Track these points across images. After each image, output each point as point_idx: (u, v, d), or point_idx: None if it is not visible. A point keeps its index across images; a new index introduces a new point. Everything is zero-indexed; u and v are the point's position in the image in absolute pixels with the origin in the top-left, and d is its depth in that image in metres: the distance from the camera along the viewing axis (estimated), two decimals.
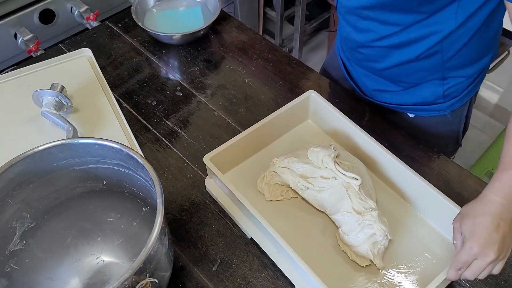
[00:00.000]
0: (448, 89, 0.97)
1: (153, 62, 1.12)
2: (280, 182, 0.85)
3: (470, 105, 1.05)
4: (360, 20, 0.89)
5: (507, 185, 0.68)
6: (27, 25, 1.28)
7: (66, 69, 1.08)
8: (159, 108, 1.02)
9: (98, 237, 0.79)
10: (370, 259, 0.77)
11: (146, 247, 0.57)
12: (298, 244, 0.76)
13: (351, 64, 1.06)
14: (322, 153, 0.81)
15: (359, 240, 0.76)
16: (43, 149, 0.67)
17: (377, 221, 0.76)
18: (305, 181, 0.82)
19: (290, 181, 0.83)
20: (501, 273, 0.78)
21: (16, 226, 0.70)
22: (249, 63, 1.11)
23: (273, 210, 0.85)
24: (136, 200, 0.75)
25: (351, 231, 0.77)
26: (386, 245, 0.77)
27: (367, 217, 0.76)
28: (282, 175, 0.84)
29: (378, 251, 0.76)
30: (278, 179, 0.85)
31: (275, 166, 0.85)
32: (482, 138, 2.15)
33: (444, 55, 0.88)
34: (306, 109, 0.96)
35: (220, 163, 0.82)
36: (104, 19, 1.28)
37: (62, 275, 0.76)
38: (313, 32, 2.50)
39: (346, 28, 0.96)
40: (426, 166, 0.91)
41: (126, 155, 0.67)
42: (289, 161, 0.84)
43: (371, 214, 0.76)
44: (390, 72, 0.96)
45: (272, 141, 0.94)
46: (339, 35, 1.08)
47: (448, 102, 0.99)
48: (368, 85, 1.04)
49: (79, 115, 0.99)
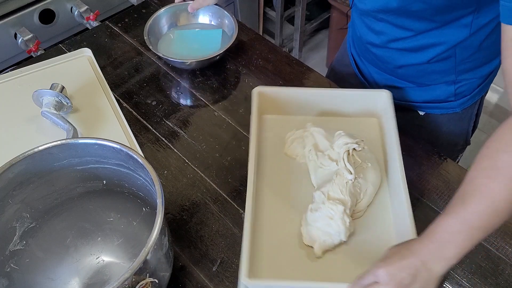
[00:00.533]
0: (459, 87, 0.97)
1: (153, 62, 1.12)
2: (302, 143, 0.89)
3: (481, 103, 1.05)
4: (375, 21, 0.89)
5: (439, 228, 0.62)
6: (27, 25, 1.28)
7: (66, 69, 1.07)
8: (159, 108, 1.02)
9: (98, 237, 0.79)
10: (313, 243, 0.77)
11: (146, 247, 0.57)
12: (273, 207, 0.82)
13: (362, 61, 1.07)
14: (342, 140, 0.83)
15: (315, 221, 0.77)
16: (43, 149, 0.67)
17: (339, 217, 0.76)
18: (315, 152, 0.85)
19: (306, 146, 0.88)
20: (501, 273, 0.78)
21: (16, 226, 0.70)
22: (249, 63, 1.11)
23: (277, 167, 0.89)
24: (136, 200, 0.75)
25: (315, 211, 0.78)
26: (335, 242, 0.77)
27: (333, 207, 0.76)
28: (305, 139, 0.89)
29: (324, 242, 0.77)
30: (301, 140, 0.89)
31: (306, 128, 0.90)
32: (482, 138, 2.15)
33: (456, 59, 0.89)
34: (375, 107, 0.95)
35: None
36: (104, 19, 1.28)
37: (62, 275, 0.76)
38: (313, 32, 2.50)
39: (360, 28, 0.96)
40: (426, 166, 0.91)
41: (126, 155, 0.67)
42: (317, 130, 0.88)
43: (337, 207, 0.76)
44: (402, 71, 0.97)
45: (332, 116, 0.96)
46: (351, 33, 1.09)
47: (459, 101, 0.99)
48: (379, 82, 1.05)
49: (79, 115, 0.99)
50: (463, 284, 0.77)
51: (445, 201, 0.86)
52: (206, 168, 0.92)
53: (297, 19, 2.20)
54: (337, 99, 0.94)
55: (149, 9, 1.24)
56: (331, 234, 0.77)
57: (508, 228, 0.83)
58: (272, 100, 0.94)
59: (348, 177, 0.79)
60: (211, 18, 1.17)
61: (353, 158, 0.82)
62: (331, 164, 0.83)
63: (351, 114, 0.95)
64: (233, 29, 1.09)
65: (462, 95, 0.98)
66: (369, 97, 0.94)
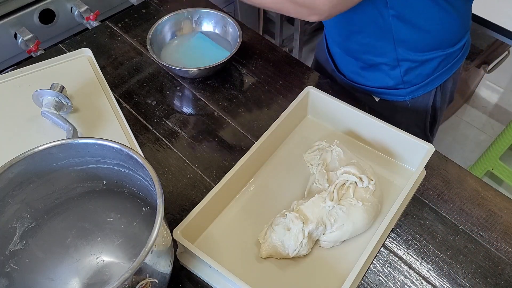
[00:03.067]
0: (406, 74, 1.01)
1: (153, 62, 1.12)
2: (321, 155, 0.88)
3: (437, 96, 1.08)
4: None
5: None
6: (27, 25, 1.28)
7: (66, 69, 1.08)
8: (159, 108, 1.02)
9: (98, 237, 0.79)
10: (264, 242, 0.78)
11: (146, 247, 0.57)
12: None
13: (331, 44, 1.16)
14: (349, 169, 0.80)
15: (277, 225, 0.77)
16: (43, 149, 0.67)
17: (295, 232, 0.75)
18: (321, 168, 0.84)
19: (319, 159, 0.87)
20: (501, 273, 0.78)
21: (16, 226, 0.70)
22: (249, 63, 1.11)
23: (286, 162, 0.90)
24: (136, 200, 0.75)
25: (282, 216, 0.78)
26: (283, 254, 0.76)
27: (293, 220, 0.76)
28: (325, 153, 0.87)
29: (273, 247, 0.77)
30: (322, 152, 0.88)
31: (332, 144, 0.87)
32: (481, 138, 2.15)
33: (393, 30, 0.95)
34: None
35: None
36: (104, 19, 1.28)
37: (62, 275, 0.76)
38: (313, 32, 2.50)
39: None
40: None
41: (126, 155, 0.67)
42: (338, 150, 0.85)
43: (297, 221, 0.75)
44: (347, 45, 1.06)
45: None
46: None
47: (409, 89, 1.04)
48: (343, 65, 1.14)
49: (79, 115, 0.99)
50: (463, 284, 0.77)
51: (445, 201, 0.86)
52: (206, 168, 0.92)
53: (297, 19, 2.20)
54: (381, 132, 0.89)
55: (149, 9, 1.24)
56: (283, 244, 0.76)
57: (508, 228, 0.83)
58: (320, 105, 0.94)
59: (327, 203, 0.77)
60: (215, 26, 1.16)
61: (348, 190, 0.79)
62: (324, 185, 0.81)
63: (391, 153, 0.91)
64: (236, 36, 1.08)
65: (411, 84, 1.02)
66: (410, 144, 0.87)
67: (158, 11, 1.24)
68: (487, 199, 0.87)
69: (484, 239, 0.82)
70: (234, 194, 0.86)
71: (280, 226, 0.77)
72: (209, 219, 0.82)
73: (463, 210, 0.85)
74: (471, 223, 0.84)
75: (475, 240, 0.82)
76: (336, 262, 0.78)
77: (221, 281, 0.75)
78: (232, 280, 0.68)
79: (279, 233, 0.77)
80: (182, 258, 0.78)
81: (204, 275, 0.77)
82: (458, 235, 0.82)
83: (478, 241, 0.82)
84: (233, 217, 0.84)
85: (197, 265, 0.77)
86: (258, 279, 0.76)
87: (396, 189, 0.86)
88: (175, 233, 0.73)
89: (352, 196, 0.79)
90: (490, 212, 0.85)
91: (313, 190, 0.83)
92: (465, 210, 0.85)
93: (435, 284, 0.77)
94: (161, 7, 1.25)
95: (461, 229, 0.83)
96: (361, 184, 0.80)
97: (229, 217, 0.83)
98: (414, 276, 0.78)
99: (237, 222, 0.83)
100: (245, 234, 0.81)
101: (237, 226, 0.82)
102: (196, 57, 1.10)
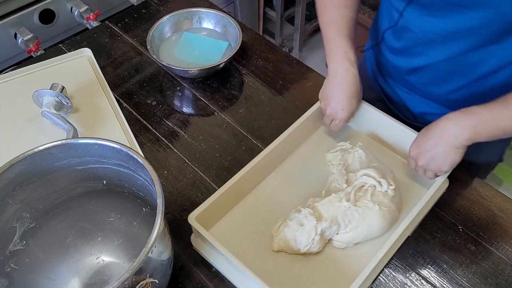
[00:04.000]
0: None
1: (153, 62, 1.12)
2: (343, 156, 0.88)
3: None
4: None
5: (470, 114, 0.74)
6: (27, 25, 1.28)
7: (66, 69, 1.07)
8: (159, 108, 1.02)
9: (98, 237, 0.79)
10: (277, 235, 0.78)
11: (146, 247, 0.57)
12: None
13: (394, 88, 1.00)
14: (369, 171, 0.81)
15: (291, 220, 0.78)
16: (43, 149, 0.67)
17: (307, 229, 0.76)
18: (341, 168, 0.85)
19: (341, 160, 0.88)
20: (501, 273, 0.78)
21: (16, 226, 0.70)
22: (249, 63, 1.11)
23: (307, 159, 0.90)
24: (136, 200, 0.75)
25: (297, 212, 0.78)
26: (294, 249, 0.77)
27: (307, 217, 0.76)
28: (347, 154, 0.87)
29: (285, 241, 0.77)
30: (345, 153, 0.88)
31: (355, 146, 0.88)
32: None
33: None
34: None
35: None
36: (104, 19, 1.27)
37: (62, 275, 0.76)
38: (313, 32, 2.50)
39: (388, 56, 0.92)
40: None
41: (126, 155, 0.67)
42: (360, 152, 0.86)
43: (310, 218, 0.76)
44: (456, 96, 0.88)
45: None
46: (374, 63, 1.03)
47: None
48: (413, 108, 0.98)
49: (79, 115, 0.99)
50: (463, 284, 0.77)
51: (446, 202, 0.86)
52: (206, 168, 0.92)
53: (297, 19, 2.20)
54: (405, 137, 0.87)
55: (149, 9, 1.24)
56: (295, 239, 0.77)
57: (508, 228, 0.83)
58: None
59: (343, 203, 0.77)
60: (215, 26, 1.16)
61: (366, 192, 0.79)
62: (343, 185, 0.82)
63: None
64: (236, 36, 1.08)
65: None
66: None
67: (158, 11, 1.24)
68: (487, 199, 0.87)
69: (484, 239, 0.82)
70: (252, 186, 0.86)
71: (294, 221, 0.77)
72: (226, 208, 0.83)
73: (463, 210, 0.85)
74: (471, 223, 0.84)
75: (475, 240, 0.82)
76: (346, 263, 0.78)
77: (231, 270, 0.76)
78: (240, 269, 0.69)
79: (292, 228, 0.77)
80: (195, 243, 0.79)
81: (216, 262, 0.77)
82: (458, 235, 0.82)
83: (478, 241, 0.82)
84: (249, 208, 0.84)
85: (209, 250, 0.78)
86: (267, 271, 0.75)
87: (416, 197, 0.84)
88: (190, 218, 0.74)
89: (369, 199, 0.78)
90: (490, 212, 0.85)
91: (331, 190, 0.83)
92: (465, 210, 0.85)
93: (435, 284, 0.77)
94: (161, 7, 1.25)
95: (461, 229, 0.83)
96: (380, 188, 0.79)
97: (246, 208, 0.84)
98: (414, 276, 0.78)
99: (253, 213, 0.83)
100: (259, 227, 0.81)
101: (252, 218, 0.83)
102: (194, 55, 1.10)
